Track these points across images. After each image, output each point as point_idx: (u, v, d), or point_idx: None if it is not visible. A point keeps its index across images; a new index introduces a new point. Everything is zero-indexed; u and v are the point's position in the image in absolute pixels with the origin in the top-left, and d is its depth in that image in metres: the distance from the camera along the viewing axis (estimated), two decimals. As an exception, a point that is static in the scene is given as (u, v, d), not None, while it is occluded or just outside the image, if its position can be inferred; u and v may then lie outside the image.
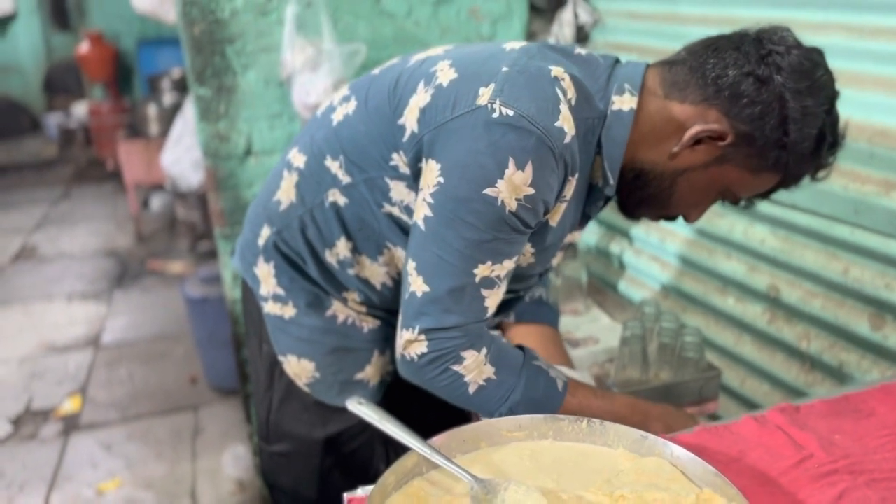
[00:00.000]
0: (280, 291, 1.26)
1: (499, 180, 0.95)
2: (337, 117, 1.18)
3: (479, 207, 0.97)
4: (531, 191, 0.96)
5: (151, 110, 5.04)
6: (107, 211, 6.11)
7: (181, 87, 5.48)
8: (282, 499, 1.47)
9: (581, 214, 1.16)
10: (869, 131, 1.40)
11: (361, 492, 0.90)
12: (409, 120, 1.05)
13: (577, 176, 1.03)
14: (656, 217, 1.16)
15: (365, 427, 1.34)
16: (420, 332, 1.04)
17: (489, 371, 1.06)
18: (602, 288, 2.09)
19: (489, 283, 1.03)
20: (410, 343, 1.05)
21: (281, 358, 1.29)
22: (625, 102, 1.03)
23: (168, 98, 5.25)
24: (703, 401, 1.49)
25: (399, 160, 1.09)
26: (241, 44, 1.94)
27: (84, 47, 6.86)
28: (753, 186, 1.04)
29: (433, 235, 1.01)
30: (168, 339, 3.80)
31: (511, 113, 0.94)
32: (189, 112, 4.11)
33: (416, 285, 1.03)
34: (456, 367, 1.04)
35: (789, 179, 1.03)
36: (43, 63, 8.50)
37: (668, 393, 1.45)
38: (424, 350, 1.04)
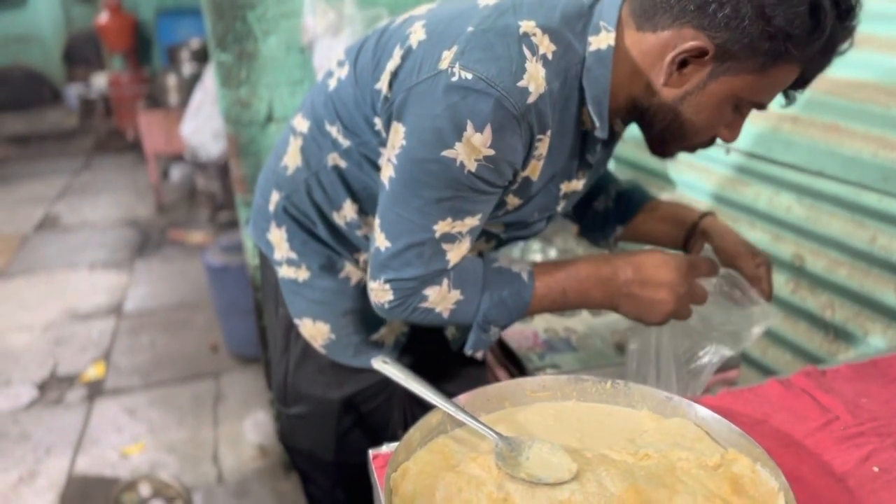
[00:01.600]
0: (293, 255, 1.28)
1: (456, 143, 0.95)
2: (332, 83, 1.19)
3: (436, 168, 0.98)
4: (491, 152, 0.96)
5: (171, 80, 5.05)
6: (127, 181, 6.16)
7: (200, 57, 5.48)
8: (300, 461, 1.49)
9: (580, 162, 1.14)
10: (901, 96, 1.37)
11: (386, 448, 0.91)
12: (384, 84, 1.06)
13: (549, 132, 1.01)
14: (687, 148, 1.10)
15: (381, 388, 1.36)
16: (385, 283, 1.08)
17: (455, 295, 1.09)
18: (623, 257, 2.08)
19: (450, 238, 1.05)
20: (376, 292, 1.10)
21: (296, 321, 1.31)
22: (601, 41, 1.00)
23: (187, 68, 5.25)
24: (725, 368, 1.49)
25: (379, 124, 1.10)
26: (263, 9, 1.93)
27: (103, 17, 6.87)
28: (770, 86, 0.98)
29: (394, 195, 1.03)
30: (189, 308, 3.84)
31: (470, 76, 0.93)
32: (209, 82, 4.11)
33: (380, 241, 1.07)
34: (423, 305, 1.09)
35: (810, 64, 0.96)
36: (63, 33, 8.52)
37: (690, 360, 1.45)
38: (391, 297, 1.08)
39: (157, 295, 4.02)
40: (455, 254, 1.07)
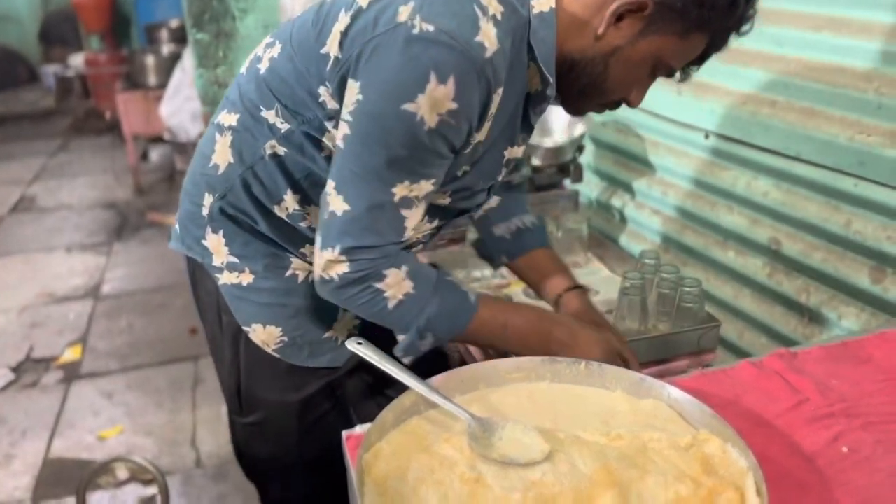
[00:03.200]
0: (234, 259, 1.23)
1: (419, 95, 0.93)
2: (263, 65, 1.15)
3: (394, 124, 0.96)
4: (454, 105, 0.95)
5: (149, 61, 4.98)
6: (105, 162, 6.07)
7: (179, 37, 5.41)
8: (260, 466, 1.45)
9: (523, 124, 1.14)
10: (877, 81, 1.38)
11: (359, 430, 0.91)
12: (332, 47, 1.03)
13: (502, 90, 1.01)
14: (599, 107, 1.13)
15: (340, 383, 1.35)
16: (341, 252, 1.03)
17: (408, 286, 1.07)
18: (603, 241, 2.08)
19: (408, 202, 1.03)
20: (332, 263, 1.05)
21: (245, 328, 1.26)
22: (543, 4, 1.02)
23: (166, 48, 5.19)
24: (701, 352, 1.50)
25: (325, 94, 1.07)
26: (240, -13, 1.90)
27: (80, -5, 6.76)
28: (684, 52, 1.03)
29: (351, 154, 1.00)
30: (167, 291, 3.81)
31: (431, 28, 0.93)
32: (188, 62, 4.06)
33: (336, 205, 1.03)
34: (378, 285, 1.05)
35: (716, 38, 1.01)
36: (39, 12, 8.37)
37: (667, 343, 1.45)
38: (346, 270, 1.04)
39: (136, 277, 3.99)
40: (412, 220, 1.05)
